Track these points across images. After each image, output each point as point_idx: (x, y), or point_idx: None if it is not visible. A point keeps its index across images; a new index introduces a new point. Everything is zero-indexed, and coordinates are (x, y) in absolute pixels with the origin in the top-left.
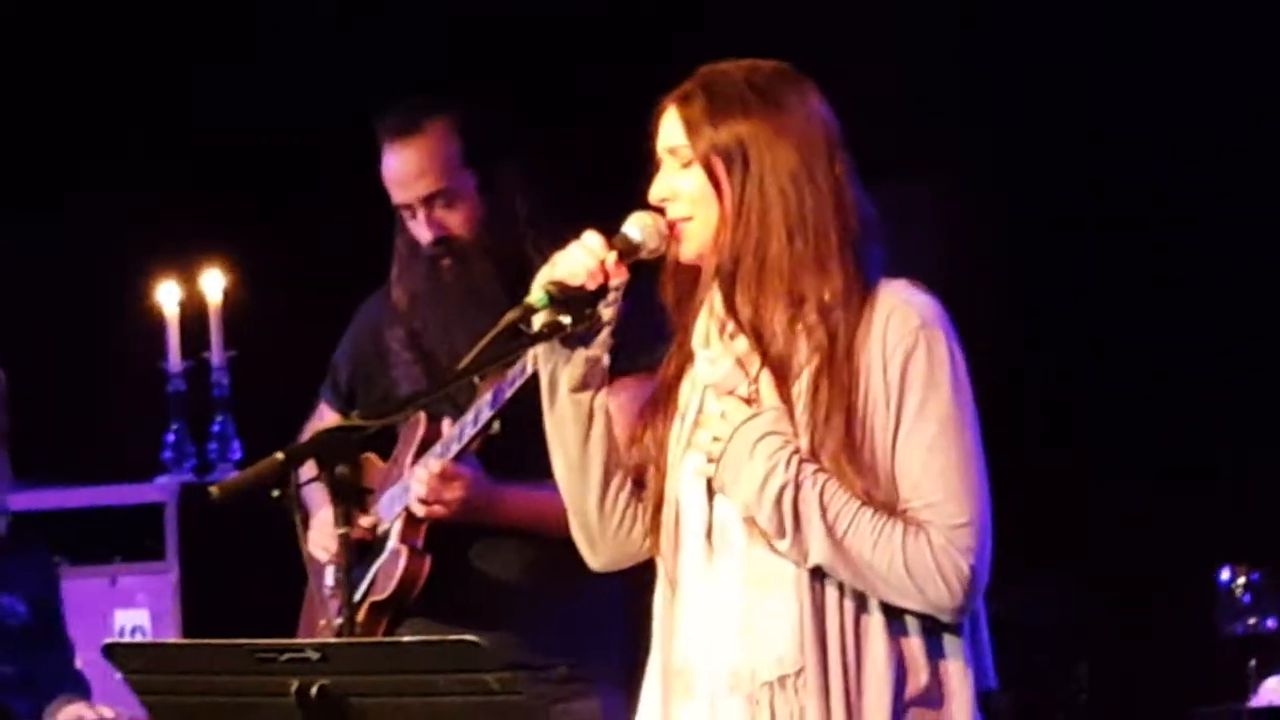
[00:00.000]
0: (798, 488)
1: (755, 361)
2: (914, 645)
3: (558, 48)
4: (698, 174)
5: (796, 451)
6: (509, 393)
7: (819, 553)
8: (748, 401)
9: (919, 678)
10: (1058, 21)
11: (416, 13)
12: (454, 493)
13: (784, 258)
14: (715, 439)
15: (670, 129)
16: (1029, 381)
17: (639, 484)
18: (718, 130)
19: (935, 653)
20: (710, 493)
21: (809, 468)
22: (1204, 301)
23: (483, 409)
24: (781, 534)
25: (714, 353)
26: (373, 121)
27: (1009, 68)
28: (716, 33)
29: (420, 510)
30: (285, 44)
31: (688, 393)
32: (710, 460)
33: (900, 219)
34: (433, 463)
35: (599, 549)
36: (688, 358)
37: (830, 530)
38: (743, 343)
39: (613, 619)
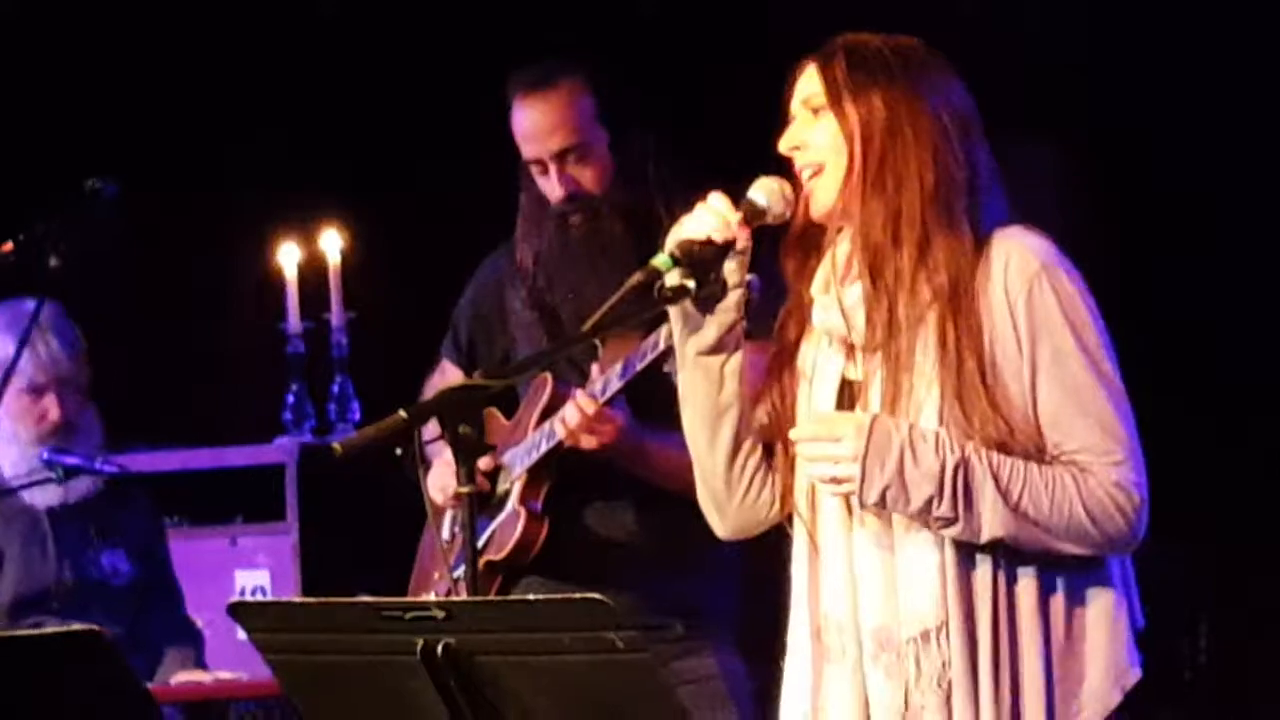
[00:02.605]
0: (968, 470)
1: (862, 311)
2: (1060, 595)
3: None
4: (830, 123)
5: (942, 438)
6: (639, 366)
7: (996, 526)
8: (845, 385)
9: (1068, 626)
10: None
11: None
12: (603, 436)
13: (916, 211)
14: (835, 461)
15: (807, 82)
16: (1150, 344)
17: (769, 450)
18: (856, 85)
19: (1081, 600)
20: None
21: (969, 445)
22: None
23: (612, 379)
24: (954, 520)
25: (830, 299)
26: (506, 79)
27: (1133, 30)
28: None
29: (566, 438)
30: (401, 9)
31: (810, 355)
32: (839, 481)
33: (1019, 180)
34: (586, 401)
35: (727, 515)
36: (806, 322)
37: (1005, 497)
38: (855, 291)
39: (727, 581)
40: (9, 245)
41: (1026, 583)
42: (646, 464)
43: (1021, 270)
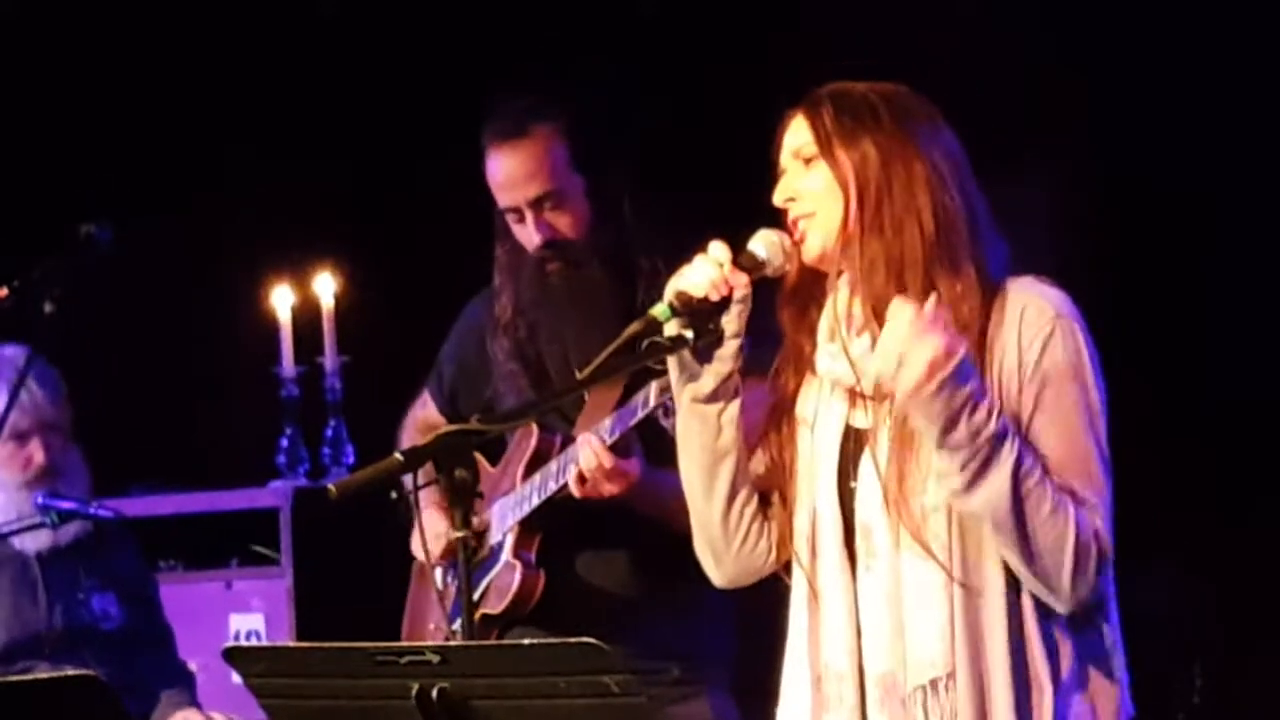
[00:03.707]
0: (999, 445)
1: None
2: (1069, 644)
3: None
4: (822, 171)
5: (995, 405)
6: (630, 423)
7: (986, 506)
8: (850, 433)
9: (1075, 675)
10: (1181, 17)
11: (530, 17)
12: (615, 486)
13: (918, 256)
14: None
15: (796, 132)
16: (1144, 377)
17: (765, 498)
18: (845, 131)
19: (1087, 651)
20: (844, 502)
21: (1011, 425)
22: None
23: (602, 435)
24: (956, 477)
25: (836, 348)
26: (479, 125)
27: (1124, 64)
28: (813, 39)
29: (576, 490)
30: (396, 49)
31: (811, 402)
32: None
33: (1011, 218)
34: (604, 454)
35: (723, 564)
36: (805, 371)
37: (1014, 487)
38: (863, 341)
39: (722, 626)
40: (3, 291)
41: (1033, 631)
42: (657, 506)
43: (1038, 318)
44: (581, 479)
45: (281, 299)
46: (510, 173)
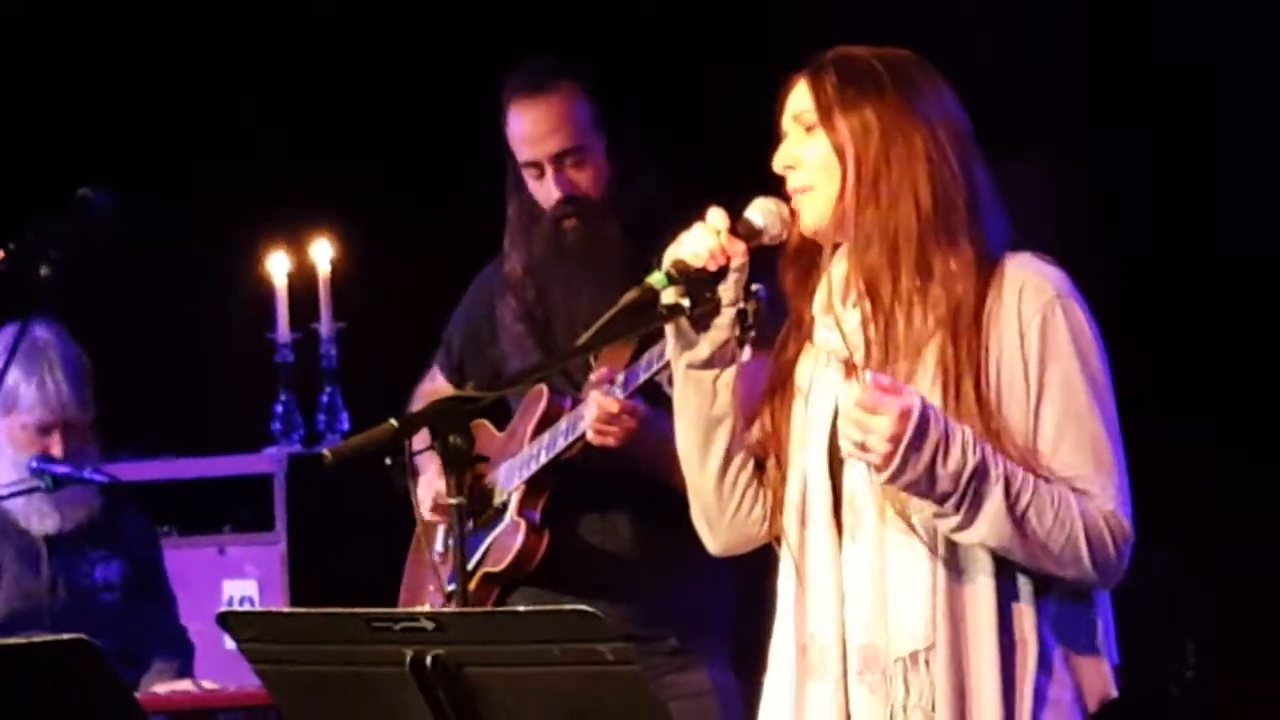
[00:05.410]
0: (984, 474)
1: (869, 331)
2: (1053, 622)
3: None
4: (821, 141)
5: (968, 437)
6: (643, 377)
7: (990, 535)
8: (851, 368)
9: (1058, 653)
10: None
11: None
12: (628, 423)
13: (913, 231)
14: (867, 432)
15: (798, 97)
16: (1138, 357)
17: (760, 465)
18: (847, 100)
19: (1072, 629)
20: (833, 471)
21: (986, 446)
22: None
23: (614, 391)
24: (954, 517)
25: (830, 320)
26: (500, 83)
27: (1126, 44)
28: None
29: (593, 437)
30: (398, 27)
31: (808, 371)
32: (865, 450)
33: (1010, 194)
34: (607, 401)
35: (717, 531)
36: (805, 339)
37: (1010, 508)
38: (856, 316)
39: (722, 595)
40: (0, 254)
41: (1017, 608)
42: (658, 451)
43: (1036, 297)
44: (596, 429)
45: (277, 265)
46: (534, 126)
